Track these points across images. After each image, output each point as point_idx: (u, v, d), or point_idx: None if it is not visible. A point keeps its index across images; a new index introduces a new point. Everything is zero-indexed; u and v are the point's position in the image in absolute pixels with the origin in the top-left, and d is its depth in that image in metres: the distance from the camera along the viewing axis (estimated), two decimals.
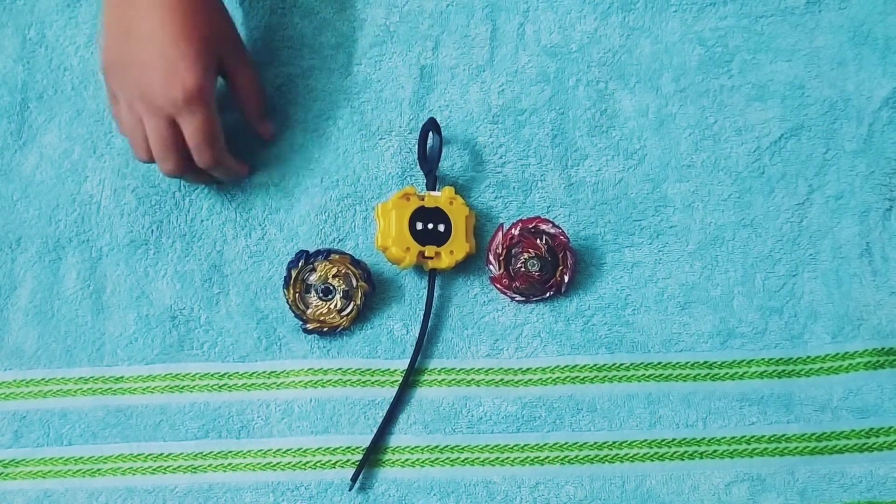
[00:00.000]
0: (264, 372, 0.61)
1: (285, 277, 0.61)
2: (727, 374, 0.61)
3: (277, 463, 0.59)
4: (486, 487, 0.59)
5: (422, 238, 0.61)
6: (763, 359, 0.61)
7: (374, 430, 0.59)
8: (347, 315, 0.61)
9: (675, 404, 0.60)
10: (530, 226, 0.62)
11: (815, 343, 0.62)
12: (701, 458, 0.59)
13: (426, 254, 0.61)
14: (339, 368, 0.61)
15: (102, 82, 0.66)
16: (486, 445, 0.60)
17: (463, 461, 0.59)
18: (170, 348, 0.61)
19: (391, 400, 0.60)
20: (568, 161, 0.65)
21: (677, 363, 0.61)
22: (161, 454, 0.59)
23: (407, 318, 0.62)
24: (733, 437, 0.60)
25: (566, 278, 0.62)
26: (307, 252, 0.61)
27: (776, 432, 0.60)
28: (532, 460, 0.59)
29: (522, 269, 0.62)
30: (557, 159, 0.65)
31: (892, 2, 0.67)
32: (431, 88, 0.66)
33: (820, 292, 0.63)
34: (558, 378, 0.61)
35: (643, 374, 0.61)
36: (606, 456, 0.59)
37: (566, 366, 0.61)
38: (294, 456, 0.59)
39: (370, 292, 0.61)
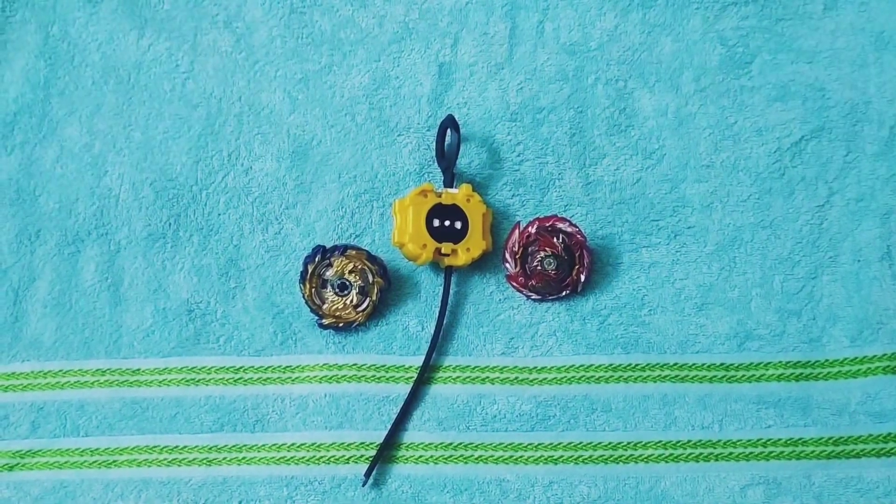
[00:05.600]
0: (279, 366, 0.61)
1: (301, 272, 0.61)
2: (744, 376, 0.61)
3: (291, 457, 0.59)
4: (499, 485, 0.59)
5: (438, 235, 0.61)
6: (780, 361, 0.61)
7: (388, 426, 0.59)
8: (363, 311, 0.61)
9: (691, 406, 0.60)
10: (547, 224, 0.62)
11: (834, 346, 0.61)
12: (716, 460, 0.59)
13: (442, 251, 0.61)
14: (354, 364, 0.61)
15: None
16: (500, 443, 0.59)
17: (477, 459, 0.59)
18: (186, 342, 0.61)
19: (405, 396, 0.60)
20: (586, 160, 0.65)
21: (694, 364, 0.61)
22: (176, 447, 0.59)
23: (422, 315, 0.62)
24: (749, 440, 0.59)
25: (582, 277, 0.62)
26: (324, 247, 0.61)
27: (793, 436, 0.59)
28: (546, 459, 0.59)
29: (539, 268, 0.61)
30: (575, 158, 0.65)
31: None
32: (450, 85, 0.66)
33: (839, 295, 0.62)
34: (573, 377, 0.61)
35: (659, 375, 0.61)
36: (621, 456, 0.59)
37: (581, 365, 0.61)
38: (308, 450, 0.59)
39: (386, 288, 0.61)
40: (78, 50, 0.67)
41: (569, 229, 0.62)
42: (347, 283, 0.61)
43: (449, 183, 0.63)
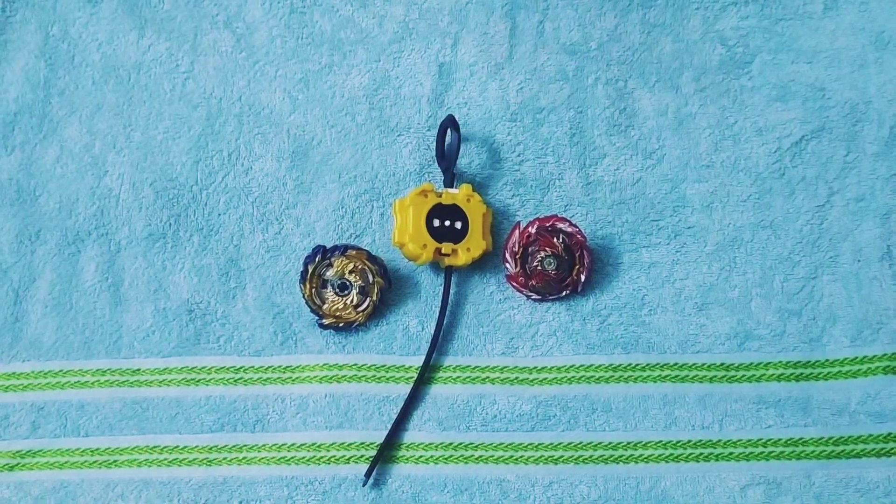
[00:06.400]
0: (280, 366, 0.61)
1: (302, 272, 0.61)
2: (744, 376, 0.61)
3: (292, 457, 0.59)
4: (499, 485, 0.59)
5: (439, 235, 0.61)
6: (781, 361, 0.61)
7: (389, 426, 0.59)
8: (363, 311, 0.61)
9: (692, 406, 0.60)
10: (547, 224, 0.62)
11: (834, 346, 0.61)
12: (717, 460, 0.59)
13: (443, 251, 0.61)
14: (355, 364, 0.61)
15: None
16: (501, 444, 0.59)
17: (477, 459, 0.59)
18: (186, 342, 0.61)
19: (406, 396, 0.60)
20: (586, 160, 0.65)
21: (694, 364, 0.61)
22: (177, 447, 0.59)
23: (422, 315, 0.62)
24: (749, 440, 0.59)
25: (582, 277, 0.62)
26: (324, 247, 0.61)
27: (793, 436, 0.59)
28: (546, 459, 0.59)
29: (539, 268, 0.61)
30: (575, 158, 0.65)
31: None
32: (450, 85, 0.66)
33: (839, 295, 0.62)
34: (573, 377, 0.61)
35: (659, 375, 0.61)
36: (621, 456, 0.59)
37: (581, 365, 0.61)
38: (308, 451, 0.59)
39: (386, 288, 0.61)
40: (78, 50, 0.67)
41: (569, 229, 0.62)
42: (348, 283, 0.61)
43: (449, 183, 0.63)
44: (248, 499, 0.58)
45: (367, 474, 0.58)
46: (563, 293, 0.62)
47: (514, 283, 0.62)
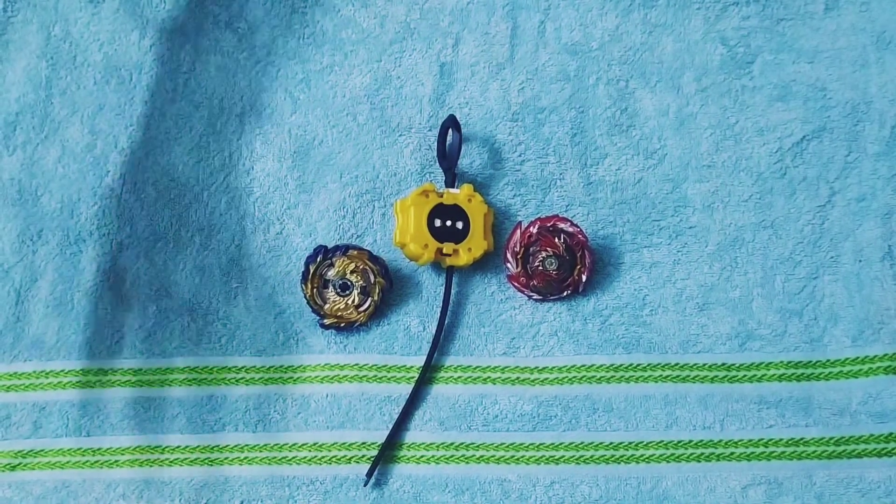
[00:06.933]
0: (281, 366, 0.61)
1: (303, 272, 0.61)
2: (745, 376, 0.61)
3: (293, 457, 0.59)
4: (500, 485, 0.59)
5: (440, 235, 0.61)
6: (782, 361, 0.61)
7: (390, 426, 0.59)
8: (365, 311, 0.61)
9: (693, 406, 0.60)
10: (548, 224, 0.62)
11: (835, 346, 0.61)
12: (718, 460, 0.59)
13: (444, 251, 0.61)
14: (356, 364, 0.61)
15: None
16: (502, 444, 0.59)
17: (478, 459, 0.59)
18: (188, 342, 0.61)
19: (407, 396, 0.60)
20: (587, 160, 0.65)
21: (695, 364, 0.61)
22: (178, 447, 0.59)
23: (424, 315, 0.62)
24: (751, 440, 0.59)
25: (584, 277, 0.62)
26: (325, 247, 0.61)
27: (794, 436, 0.59)
28: (547, 459, 0.59)
29: (540, 268, 0.62)
30: (577, 158, 0.65)
31: None
32: (451, 85, 0.66)
33: (840, 295, 0.62)
34: (575, 377, 0.61)
35: (660, 375, 0.61)
36: (622, 456, 0.59)
37: (583, 365, 0.61)
38: (310, 450, 0.59)
39: (388, 288, 0.61)
40: (80, 50, 0.67)
41: (570, 229, 0.62)
42: (349, 283, 0.61)
43: (450, 183, 0.63)
44: (249, 498, 0.58)
45: (369, 474, 0.58)
46: (565, 293, 0.62)
47: (516, 283, 0.62)
